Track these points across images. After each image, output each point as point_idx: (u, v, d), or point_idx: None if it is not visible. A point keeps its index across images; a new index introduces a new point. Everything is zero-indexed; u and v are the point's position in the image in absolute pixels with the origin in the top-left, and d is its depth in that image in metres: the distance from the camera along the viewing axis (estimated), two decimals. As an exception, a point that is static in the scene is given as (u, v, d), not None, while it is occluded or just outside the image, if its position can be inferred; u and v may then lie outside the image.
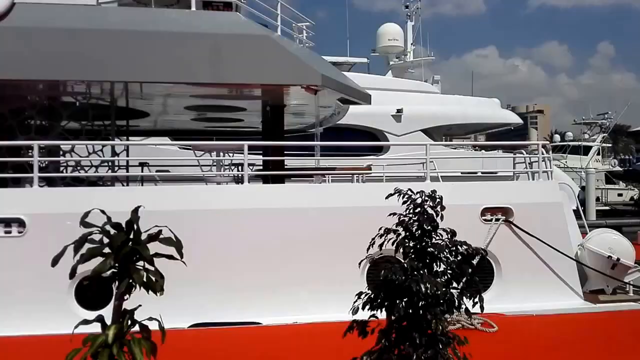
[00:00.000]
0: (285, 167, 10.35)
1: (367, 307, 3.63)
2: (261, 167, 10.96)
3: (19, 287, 6.51)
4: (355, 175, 10.07)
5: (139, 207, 4.08)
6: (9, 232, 6.52)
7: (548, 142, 24.45)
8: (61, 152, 10.01)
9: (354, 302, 3.65)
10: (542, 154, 9.02)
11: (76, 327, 4.31)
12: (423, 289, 3.35)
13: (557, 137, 50.11)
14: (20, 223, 6.56)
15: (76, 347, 4.04)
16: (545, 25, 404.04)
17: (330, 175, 10.89)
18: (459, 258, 3.64)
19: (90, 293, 6.59)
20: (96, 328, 4.08)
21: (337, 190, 8.22)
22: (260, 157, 10.57)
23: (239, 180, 9.94)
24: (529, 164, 9.64)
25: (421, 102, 22.61)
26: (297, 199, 7.81)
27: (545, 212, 8.43)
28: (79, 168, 10.53)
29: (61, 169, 10.43)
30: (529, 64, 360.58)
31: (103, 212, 4.38)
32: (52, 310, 6.48)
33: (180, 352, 5.53)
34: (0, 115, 9.07)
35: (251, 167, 9.17)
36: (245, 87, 9.09)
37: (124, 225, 4.35)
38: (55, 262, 4.26)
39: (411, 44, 29.37)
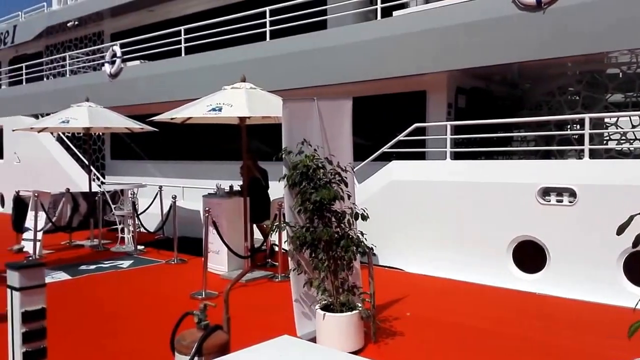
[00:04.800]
0: None
1: None
2: None
3: (570, 253, 6.46)
4: None
5: None
6: (561, 201, 6.53)
7: None
8: (604, 125, 9.42)
9: None
10: None
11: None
12: None
13: None
14: (571, 193, 6.46)
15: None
16: None
17: None
18: None
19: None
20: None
21: None
22: None
23: None
24: None
25: None
26: None
27: None
28: (622, 141, 9.63)
29: (603, 142, 9.81)
30: None
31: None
32: (599, 278, 6.14)
33: None
34: (550, 93, 9.31)
35: None
36: None
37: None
38: (621, 230, 3.88)
39: None
